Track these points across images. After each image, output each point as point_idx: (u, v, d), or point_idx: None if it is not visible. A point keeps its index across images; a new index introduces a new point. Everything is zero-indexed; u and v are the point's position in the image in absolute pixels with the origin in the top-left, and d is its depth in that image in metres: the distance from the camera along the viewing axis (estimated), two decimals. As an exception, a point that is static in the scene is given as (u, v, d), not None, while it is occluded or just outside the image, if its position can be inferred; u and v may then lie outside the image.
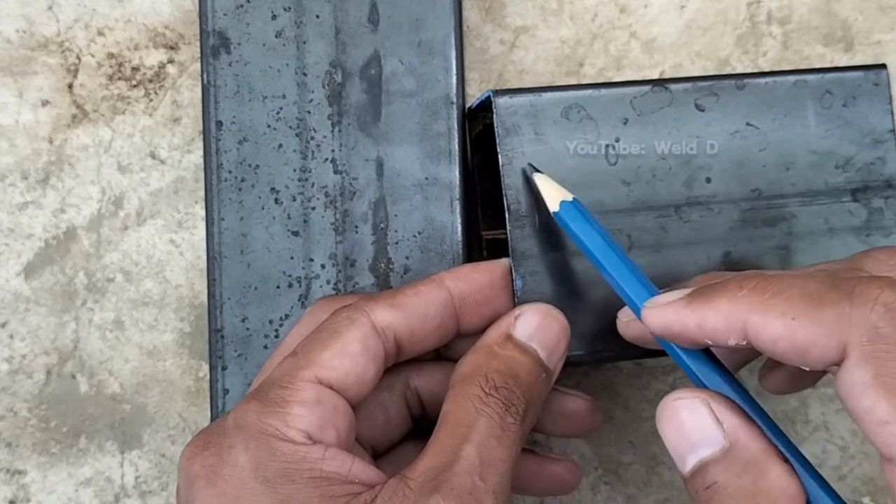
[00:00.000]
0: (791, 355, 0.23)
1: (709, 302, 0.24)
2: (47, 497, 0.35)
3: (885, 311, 0.21)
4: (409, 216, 0.31)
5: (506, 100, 0.30)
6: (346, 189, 0.31)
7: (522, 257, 0.29)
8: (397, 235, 0.31)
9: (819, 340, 0.22)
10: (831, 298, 0.22)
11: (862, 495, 0.35)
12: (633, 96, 0.30)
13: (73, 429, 0.35)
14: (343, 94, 0.31)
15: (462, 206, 0.31)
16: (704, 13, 0.35)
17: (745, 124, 0.31)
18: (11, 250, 0.35)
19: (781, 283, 0.23)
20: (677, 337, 0.25)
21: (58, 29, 0.35)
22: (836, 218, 0.31)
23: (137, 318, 0.35)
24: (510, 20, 0.36)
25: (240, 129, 0.31)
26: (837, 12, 0.35)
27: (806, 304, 0.22)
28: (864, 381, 0.21)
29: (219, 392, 0.31)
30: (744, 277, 0.24)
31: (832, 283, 0.23)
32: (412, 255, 0.31)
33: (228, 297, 0.31)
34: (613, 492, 0.35)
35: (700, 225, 0.30)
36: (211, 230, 0.31)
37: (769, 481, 0.23)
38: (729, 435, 0.24)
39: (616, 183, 0.30)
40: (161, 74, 0.35)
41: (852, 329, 0.22)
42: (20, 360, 0.35)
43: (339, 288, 0.31)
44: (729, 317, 0.23)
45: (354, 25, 0.31)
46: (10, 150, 0.35)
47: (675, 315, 0.24)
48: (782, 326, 0.22)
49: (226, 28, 0.31)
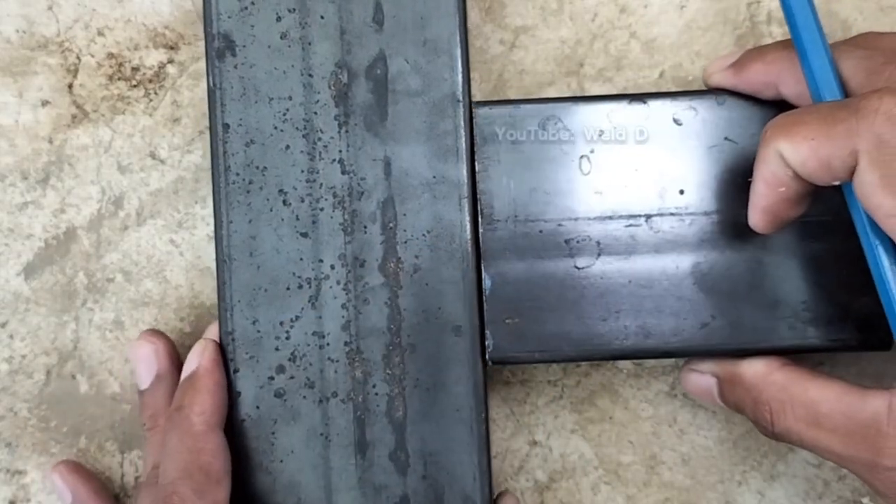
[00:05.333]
0: (820, 172, 0.26)
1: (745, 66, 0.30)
2: (47, 497, 0.35)
3: (885, 119, 0.24)
4: (417, 215, 0.31)
5: (485, 110, 0.31)
6: (354, 189, 0.31)
7: (493, 259, 0.31)
8: (406, 234, 0.31)
9: (836, 153, 0.25)
10: (841, 116, 0.25)
11: (862, 495, 0.35)
12: (610, 109, 0.31)
13: (73, 429, 0.35)
14: (349, 95, 0.31)
15: (470, 203, 0.31)
16: (704, 13, 0.35)
17: (724, 139, 0.31)
18: (11, 250, 0.35)
19: (801, 111, 0.27)
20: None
21: (58, 29, 0.35)
22: (812, 232, 0.31)
23: (137, 319, 0.35)
24: (510, 20, 0.36)
25: (247, 132, 0.31)
26: (837, 12, 0.35)
27: (821, 125, 0.26)
28: (873, 182, 0.25)
29: (232, 394, 0.31)
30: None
31: (841, 102, 0.26)
32: (422, 253, 0.31)
33: (238, 299, 0.31)
34: (613, 492, 0.35)
35: (670, 235, 0.31)
36: (220, 233, 0.31)
37: None
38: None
39: (588, 192, 0.31)
40: (161, 74, 0.35)
41: (860, 139, 0.25)
42: (20, 360, 0.35)
43: (350, 288, 0.31)
44: (765, 76, 0.30)
45: (359, 25, 0.31)
46: (10, 150, 0.35)
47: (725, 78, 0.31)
48: (807, 148, 0.26)
49: (230, 30, 0.31)
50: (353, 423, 0.31)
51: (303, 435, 0.31)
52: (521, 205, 0.31)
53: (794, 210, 0.28)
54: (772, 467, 0.35)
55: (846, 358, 0.35)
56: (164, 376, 0.33)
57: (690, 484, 0.35)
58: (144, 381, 0.33)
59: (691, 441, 0.35)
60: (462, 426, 0.31)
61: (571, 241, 0.31)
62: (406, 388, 0.31)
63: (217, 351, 0.31)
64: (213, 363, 0.31)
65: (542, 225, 0.31)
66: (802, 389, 0.28)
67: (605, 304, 0.31)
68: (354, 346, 0.31)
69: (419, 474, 0.31)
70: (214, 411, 0.30)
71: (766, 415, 0.29)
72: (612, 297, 0.31)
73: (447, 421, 0.31)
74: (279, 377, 0.31)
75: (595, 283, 0.31)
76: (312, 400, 0.31)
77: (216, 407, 0.30)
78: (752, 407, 0.30)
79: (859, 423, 0.27)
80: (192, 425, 0.30)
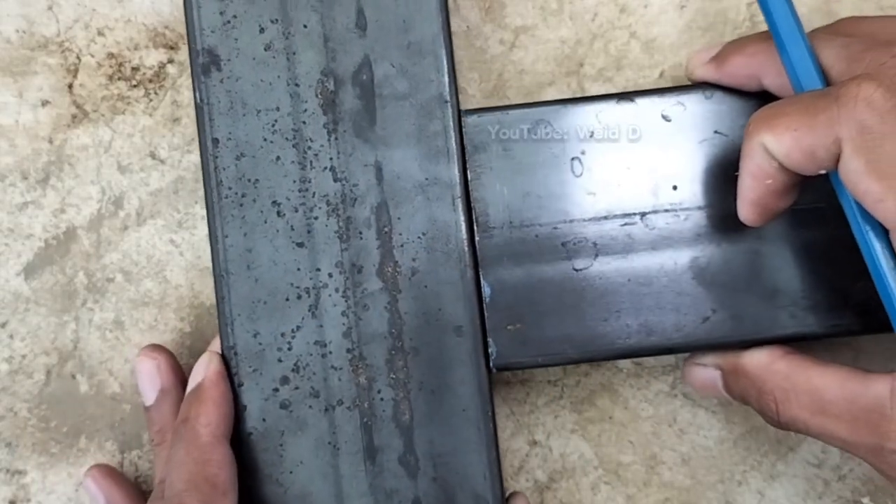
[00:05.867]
0: (805, 162, 0.26)
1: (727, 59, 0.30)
2: (47, 497, 0.35)
3: (866, 105, 0.25)
4: (412, 218, 0.31)
5: (474, 118, 0.31)
6: (347, 196, 0.31)
7: (491, 265, 0.31)
8: (402, 238, 0.31)
9: (820, 142, 0.25)
10: (822, 105, 0.25)
11: (862, 495, 0.35)
12: (599, 110, 0.31)
13: (73, 429, 0.35)
14: (337, 102, 0.31)
15: (464, 203, 0.31)
16: (704, 13, 0.35)
17: (713, 132, 0.31)
18: (11, 250, 0.35)
19: (783, 103, 0.27)
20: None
21: (58, 29, 0.35)
22: (807, 220, 0.31)
23: (137, 318, 0.35)
24: (510, 20, 0.36)
25: (236, 145, 0.31)
26: (838, 12, 0.35)
27: (803, 115, 0.26)
28: (859, 168, 0.25)
29: (238, 408, 0.31)
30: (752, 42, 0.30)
31: (821, 92, 0.26)
32: (418, 256, 0.31)
33: (238, 313, 0.31)
34: (613, 492, 0.35)
35: (666, 231, 0.31)
36: (216, 248, 0.31)
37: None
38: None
39: (581, 193, 0.31)
40: (161, 74, 0.35)
41: (842, 127, 0.25)
42: (20, 360, 0.35)
43: (349, 295, 0.31)
44: (746, 69, 0.30)
45: (342, 32, 0.31)
46: (10, 150, 0.35)
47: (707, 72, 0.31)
48: (790, 139, 0.26)
49: (215, 45, 0.31)
50: (360, 430, 0.31)
51: (311, 444, 0.31)
52: (516, 210, 0.31)
53: (782, 201, 0.28)
54: (772, 467, 0.35)
55: (849, 345, 0.35)
56: (169, 391, 0.33)
57: (690, 484, 0.35)
58: (149, 397, 0.33)
59: (691, 441, 0.35)
60: (469, 426, 0.31)
61: (568, 243, 0.31)
62: (411, 391, 0.31)
63: (221, 363, 0.31)
64: (218, 375, 0.30)
65: (538, 229, 0.31)
66: (806, 377, 0.28)
67: (606, 304, 0.31)
68: (357, 353, 0.31)
69: (429, 477, 0.31)
70: (220, 423, 0.30)
71: (772, 404, 0.29)
72: (612, 296, 0.31)
73: (454, 422, 0.31)
74: (284, 388, 0.31)
75: (594, 284, 0.31)
76: (318, 409, 0.31)
77: (222, 418, 0.30)
78: (756, 397, 0.30)
79: (863, 407, 0.27)
80: (198, 437, 0.30)
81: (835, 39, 0.28)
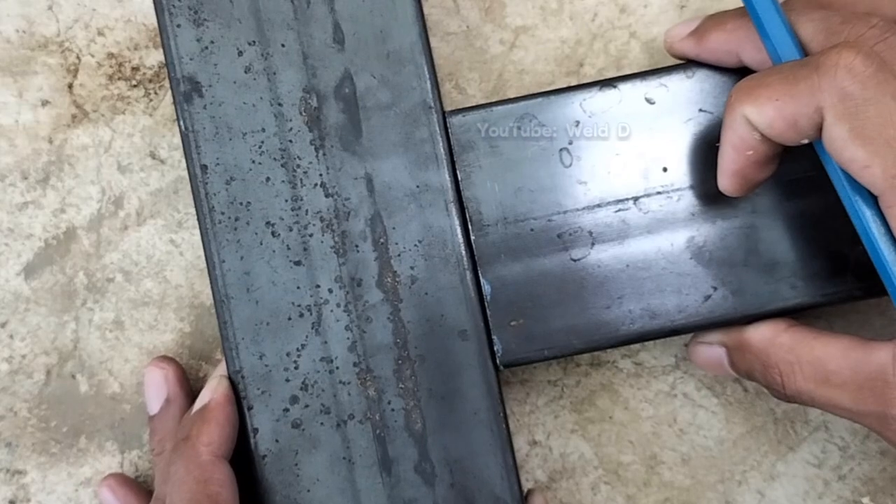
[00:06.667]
0: (788, 132, 0.26)
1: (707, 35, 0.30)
2: (47, 497, 0.35)
3: (846, 72, 0.25)
4: (406, 226, 0.31)
5: (459, 118, 0.31)
6: (340, 210, 0.31)
7: (489, 263, 0.31)
8: (398, 248, 0.31)
9: (802, 111, 0.25)
10: (803, 74, 0.25)
11: (862, 495, 0.35)
12: (582, 99, 0.31)
13: (73, 429, 0.35)
14: (321, 118, 0.31)
15: (458, 207, 0.31)
16: (704, 13, 0.35)
17: (698, 111, 0.31)
18: (11, 250, 0.35)
19: (764, 73, 0.27)
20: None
21: (58, 29, 0.35)
22: (799, 190, 0.31)
23: (137, 318, 0.35)
24: (510, 20, 0.36)
25: (225, 170, 0.31)
26: (837, 12, 0.35)
27: (784, 84, 0.26)
28: (843, 136, 0.25)
29: (249, 432, 0.31)
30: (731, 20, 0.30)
31: (802, 61, 0.26)
32: (416, 264, 0.31)
33: (242, 336, 0.31)
34: (613, 492, 0.35)
35: (660, 214, 0.31)
36: (214, 274, 0.31)
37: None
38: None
39: (572, 183, 0.31)
40: (161, 74, 0.35)
41: (823, 94, 0.25)
42: (20, 360, 0.35)
43: (350, 309, 0.31)
44: (726, 44, 0.30)
45: (321, 48, 0.31)
46: (10, 150, 0.35)
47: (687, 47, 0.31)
48: (772, 109, 0.26)
49: (195, 72, 0.31)
50: (373, 443, 0.31)
51: (326, 461, 0.31)
52: (509, 206, 0.31)
53: (763, 172, 0.28)
54: (772, 467, 0.35)
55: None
56: (174, 401, 0.33)
57: (690, 484, 0.35)
58: (154, 406, 0.33)
59: (691, 441, 0.35)
60: (482, 428, 0.31)
61: (564, 234, 0.31)
62: (421, 399, 0.31)
63: (230, 387, 0.31)
64: (225, 398, 0.30)
65: (533, 223, 0.31)
66: (809, 349, 0.28)
67: (607, 291, 0.31)
68: (364, 366, 0.31)
69: (447, 483, 0.31)
70: (222, 443, 0.30)
71: (777, 377, 0.29)
72: (613, 283, 0.31)
73: (467, 426, 0.31)
74: (294, 408, 0.31)
75: (593, 273, 0.31)
76: (330, 425, 0.31)
77: (224, 439, 0.30)
78: (762, 371, 0.29)
79: (866, 376, 0.27)
80: (199, 455, 0.29)
81: (813, 12, 0.28)
